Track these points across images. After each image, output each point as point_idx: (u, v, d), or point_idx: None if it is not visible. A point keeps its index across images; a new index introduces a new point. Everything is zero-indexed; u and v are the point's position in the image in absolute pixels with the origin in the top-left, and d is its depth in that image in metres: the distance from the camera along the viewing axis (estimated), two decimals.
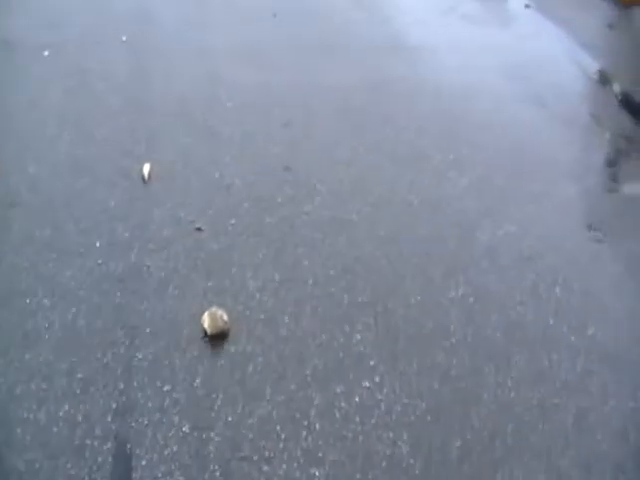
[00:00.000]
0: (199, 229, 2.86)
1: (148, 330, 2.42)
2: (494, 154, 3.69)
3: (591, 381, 2.62)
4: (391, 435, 2.30)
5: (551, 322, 2.88)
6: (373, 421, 2.32)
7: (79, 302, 2.47)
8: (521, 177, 3.59)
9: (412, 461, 2.23)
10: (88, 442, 2.08)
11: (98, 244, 2.71)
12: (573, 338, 2.81)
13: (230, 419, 2.22)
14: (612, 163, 3.97)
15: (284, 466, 2.15)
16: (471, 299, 2.84)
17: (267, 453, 2.17)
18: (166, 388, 2.26)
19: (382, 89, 4.21)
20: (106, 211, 2.89)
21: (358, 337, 2.59)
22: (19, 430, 2.08)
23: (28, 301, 2.45)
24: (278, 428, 2.24)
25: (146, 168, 3.07)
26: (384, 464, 2.21)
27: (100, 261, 2.65)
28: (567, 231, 3.37)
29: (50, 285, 2.53)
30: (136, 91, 3.74)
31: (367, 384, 2.44)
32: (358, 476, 2.17)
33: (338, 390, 2.39)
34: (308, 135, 3.61)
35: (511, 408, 2.48)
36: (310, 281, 2.76)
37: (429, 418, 2.36)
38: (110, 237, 2.77)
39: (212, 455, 2.12)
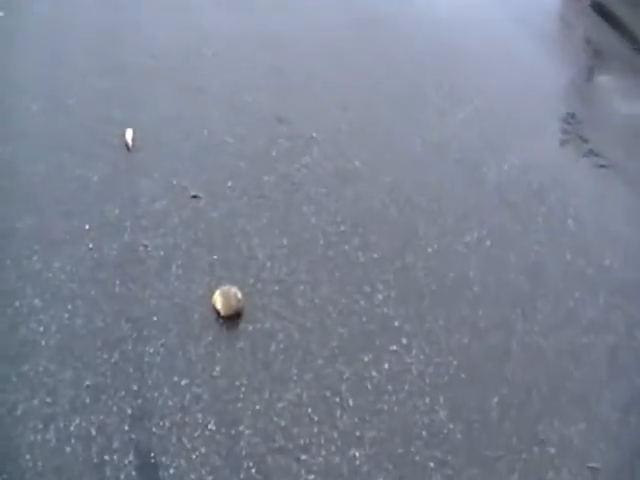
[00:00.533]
0: (195, 197, 2.47)
1: (155, 319, 2.07)
2: (490, 85, 3.33)
3: (615, 316, 2.36)
4: (427, 401, 2.03)
5: (569, 258, 2.59)
6: (407, 387, 2.05)
7: (74, 297, 2.09)
8: (518, 107, 3.24)
9: (452, 426, 1.98)
10: (107, 458, 1.75)
11: (87, 227, 2.30)
12: (591, 271, 2.54)
13: (258, 408, 1.92)
14: (591, 69, 3.62)
15: (322, 452, 1.87)
16: (488, 242, 2.54)
17: (302, 440, 1.89)
18: (184, 382, 1.93)
19: (373, 26, 3.76)
20: (90, 188, 2.46)
21: (380, 297, 2.28)
22: (28, 456, 1.74)
23: (17, 304, 2.05)
24: (310, 411, 1.95)
25: (129, 134, 2.63)
26: (424, 434, 1.95)
27: (91, 246, 2.25)
28: (570, 159, 3.05)
29: (38, 282, 2.13)
30: (107, 49, 3.20)
31: (395, 347, 2.16)
32: (400, 451, 1.91)
33: (366, 359, 2.10)
34: (298, 81, 3.20)
35: (543, 355, 2.23)
36: (321, 241, 2.42)
37: (463, 376, 2.11)
38: (99, 217, 2.35)
39: (244, 452, 1.82)
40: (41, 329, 1.99)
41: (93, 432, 1.79)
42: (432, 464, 1.89)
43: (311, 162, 2.69)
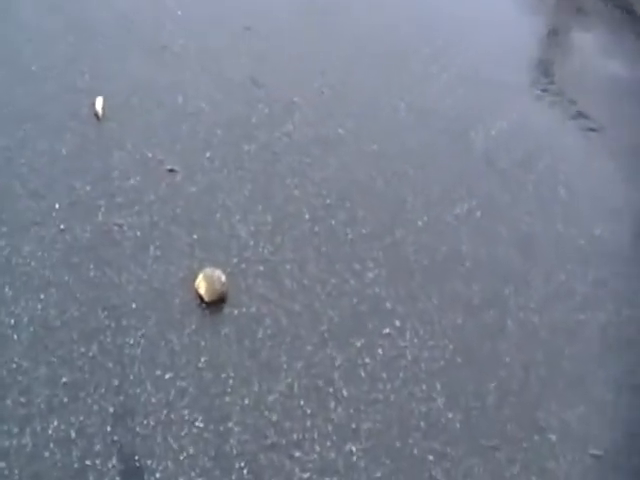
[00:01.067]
0: (171, 170, 2.24)
1: (134, 307, 1.88)
2: (472, 47, 3.10)
3: (605, 290, 2.25)
4: (424, 388, 1.88)
5: (560, 228, 2.46)
6: (402, 375, 1.90)
7: (46, 285, 1.87)
8: (501, 69, 3.04)
9: (450, 415, 1.84)
10: (89, 462, 1.58)
11: (57, 206, 2.07)
12: (583, 242, 2.42)
13: (247, 402, 1.76)
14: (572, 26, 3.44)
15: (317, 447, 1.72)
16: (478, 213, 2.38)
17: (295, 435, 1.73)
18: (168, 376, 1.76)
19: None
20: (58, 162, 2.20)
21: (370, 276, 2.11)
22: (3, 464, 1.55)
23: None
24: (302, 403, 1.79)
25: (98, 103, 2.36)
26: (422, 424, 1.81)
27: (62, 227, 2.02)
28: (558, 122, 2.89)
29: (7, 269, 1.90)
30: (71, 11, 2.83)
31: (388, 331, 2.00)
32: (398, 444, 1.76)
33: (359, 344, 1.94)
34: (274, 43, 2.91)
35: (537, 333, 2.10)
36: (306, 216, 2.22)
37: (459, 360, 1.96)
38: (69, 195, 2.12)
39: (235, 450, 1.66)
40: (12, 322, 1.78)
41: (73, 434, 1.61)
42: (431, 457, 1.75)
43: (292, 129, 2.47)
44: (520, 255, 2.27)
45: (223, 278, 1.94)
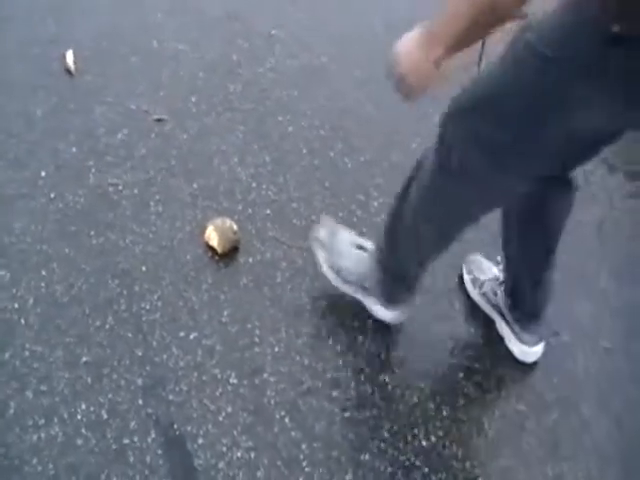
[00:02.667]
0: (159, 120, 1.85)
1: (144, 269, 1.56)
2: None
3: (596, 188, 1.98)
4: (443, 307, 1.60)
5: None
6: (419, 299, 1.57)
7: (47, 261, 1.53)
8: None
9: (472, 330, 1.55)
10: (126, 441, 1.32)
11: (42, 174, 1.69)
12: None
13: (277, 350, 1.49)
14: None
15: (352, 384, 1.47)
16: None
17: (329, 376, 1.47)
18: (193, 336, 1.48)
19: None
20: (35, 126, 1.80)
21: (375, 205, 1.79)
22: (35, 460, 1.26)
23: None
24: (331, 342, 1.52)
25: (69, 57, 1.93)
26: (449, 344, 1.53)
27: (53, 195, 1.66)
28: None
29: (1, 250, 1.55)
30: None
31: None
32: (428, 366, 1.51)
33: None
34: None
35: None
36: (304, 151, 1.88)
37: None
38: (54, 160, 1.74)
39: (273, 401, 1.41)
40: (16, 305, 1.46)
41: (104, 415, 1.34)
42: (461, 374, 1.54)
43: (276, 63, 2.08)
44: None
45: (234, 227, 1.63)
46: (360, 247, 1.59)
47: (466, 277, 1.65)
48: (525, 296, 1.52)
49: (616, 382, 1.58)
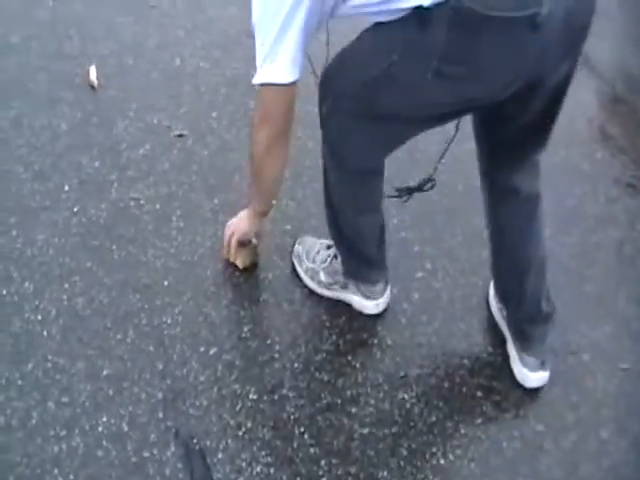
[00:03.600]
0: (180, 135, 1.90)
1: (166, 284, 1.59)
2: None
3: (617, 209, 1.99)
4: (462, 327, 1.62)
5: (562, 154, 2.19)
6: (440, 315, 1.64)
7: (69, 274, 1.58)
8: None
9: (491, 349, 1.57)
10: (146, 454, 1.34)
11: (66, 187, 1.74)
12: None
13: (296, 365, 1.52)
14: None
15: (371, 401, 1.49)
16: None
17: (349, 392, 1.49)
18: (213, 352, 1.50)
19: None
20: (60, 140, 1.85)
21: (395, 222, 1.82)
22: (56, 470, 1.29)
23: (4, 292, 1.52)
24: (350, 358, 1.54)
25: (92, 72, 1.98)
26: (466, 362, 1.56)
27: (76, 209, 1.70)
28: None
29: (24, 262, 1.59)
30: None
31: (420, 274, 1.72)
32: (446, 385, 1.53)
33: (395, 291, 1.65)
34: None
35: (557, 259, 1.83)
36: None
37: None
38: (77, 173, 1.78)
39: (292, 417, 1.43)
40: (39, 317, 1.50)
41: (125, 427, 1.37)
42: (480, 393, 1.56)
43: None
44: None
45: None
46: (329, 247, 1.65)
47: (490, 292, 1.68)
48: (513, 295, 1.53)
49: (634, 403, 1.58)
